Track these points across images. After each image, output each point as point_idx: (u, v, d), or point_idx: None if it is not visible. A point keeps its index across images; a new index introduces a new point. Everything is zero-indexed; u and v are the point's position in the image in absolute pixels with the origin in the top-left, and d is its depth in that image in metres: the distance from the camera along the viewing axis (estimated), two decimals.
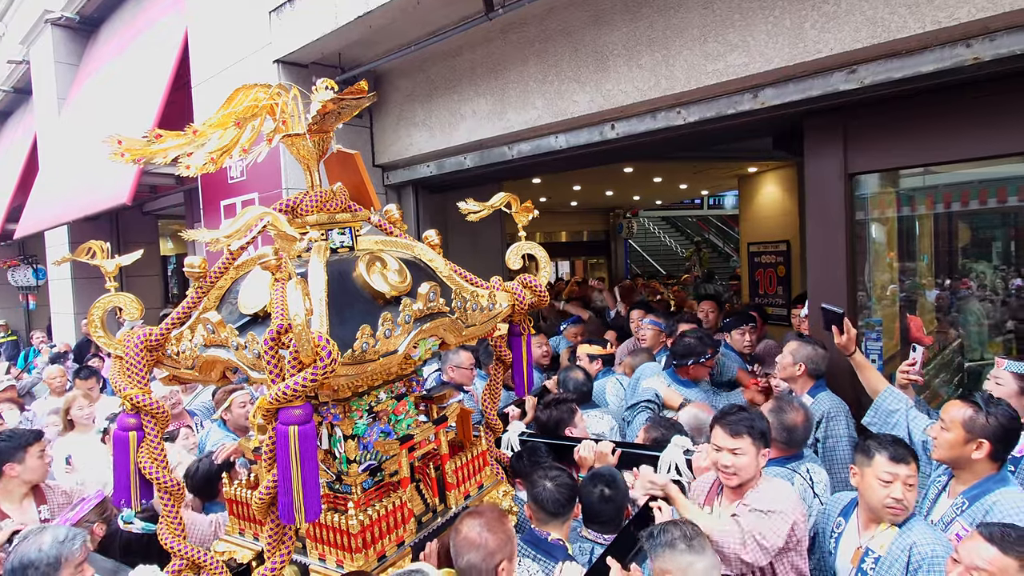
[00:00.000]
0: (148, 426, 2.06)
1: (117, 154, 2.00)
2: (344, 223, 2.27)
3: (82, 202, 7.31)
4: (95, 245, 2.19)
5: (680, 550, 1.91)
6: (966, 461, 2.34)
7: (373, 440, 2.25)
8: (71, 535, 2.20)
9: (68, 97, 9.09)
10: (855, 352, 3.16)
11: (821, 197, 3.70)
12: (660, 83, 3.80)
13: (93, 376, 5.67)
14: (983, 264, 6.93)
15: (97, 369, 6.13)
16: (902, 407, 2.89)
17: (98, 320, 2.16)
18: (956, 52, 2.90)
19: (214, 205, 5.92)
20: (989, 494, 2.27)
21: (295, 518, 1.71)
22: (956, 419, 2.34)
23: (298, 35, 4.78)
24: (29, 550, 2.13)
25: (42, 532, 2.22)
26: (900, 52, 3.04)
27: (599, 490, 2.52)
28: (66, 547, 2.16)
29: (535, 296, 2.52)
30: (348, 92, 2.04)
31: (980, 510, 2.27)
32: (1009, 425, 2.30)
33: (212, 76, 5.85)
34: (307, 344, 1.65)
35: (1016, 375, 2.81)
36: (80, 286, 9.44)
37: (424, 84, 5.23)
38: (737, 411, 2.48)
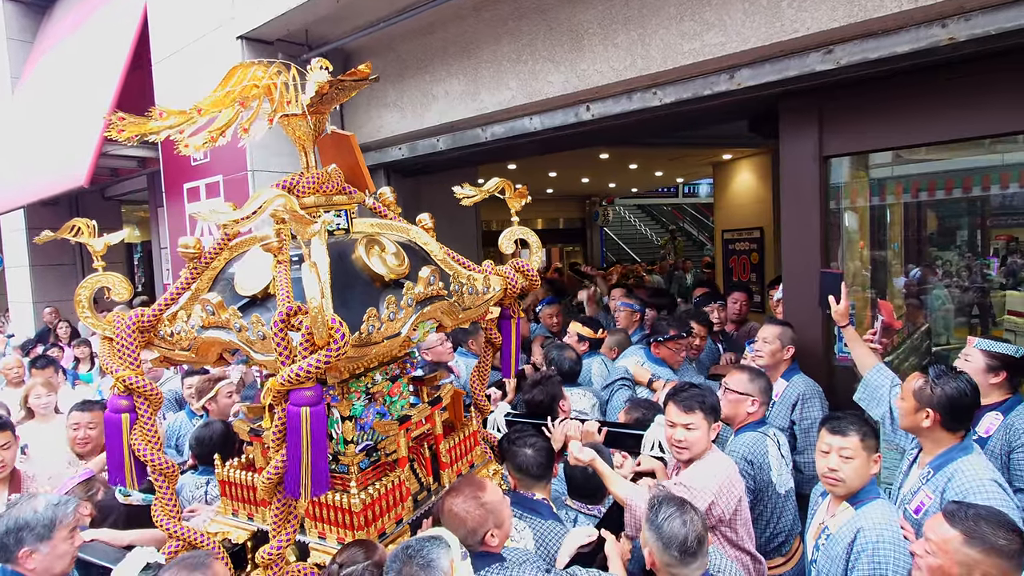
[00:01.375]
0: (141, 407, 2.07)
1: (115, 130, 1.98)
2: (340, 205, 2.29)
3: (38, 185, 7.01)
4: (80, 223, 2.15)
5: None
6: (920, 430, 2.41)
7: (370, 421, 2.29)
8: (64, 500, 2.25)
9: (21, 76, 8.69)
10: (849, 325, 3.14)
11: (796, 180, 3.69)
12: (636, 63, 3.73)
13: (50, 365, 5.45)
14: (950, 252, 7.06)
15: (55, 359, 5.90)
16: (887, 383, 2.90)
17: (85, 300, 2.13)
18: (931, 32, 2.87)
19: (177, 188, 5.71)
20: (951, 463, 2.32)
21: (300, 493, 1.77)
22: (908, 389, 2.43)
23: (262, 10, 4.60)
24: (24, 512, 2.16)
25: (34, 498, 2.25)
26: (876, 32, 3.00)
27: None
28: (60, 509, 2.21)
29: (527, 280, 2.58)
30: (349, 74, 2.04)
31: (943, 478, 2.31)
32: (956, 396, 2.33)
33: (173, 53, 5.62)
34: (322, 327, 1.69)
35: (984, 352, 2.85)
36: (38, 273, 9.10)
37: (395, 63, 5.08)
38: (689, 387, 2.59)
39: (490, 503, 2.01)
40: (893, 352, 5.30)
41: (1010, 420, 2.73)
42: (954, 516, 1.76)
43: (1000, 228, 7.59)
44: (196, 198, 5.53)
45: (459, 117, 4.73)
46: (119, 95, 5.98)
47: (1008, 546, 1.68)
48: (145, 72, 5.98)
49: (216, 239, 2.21)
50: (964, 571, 1.70)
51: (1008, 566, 1.68)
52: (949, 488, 2.24)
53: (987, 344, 2.87)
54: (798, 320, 3.61)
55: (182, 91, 5.60)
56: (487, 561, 1.97)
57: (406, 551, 1.74)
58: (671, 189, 20.29)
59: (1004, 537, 1.69)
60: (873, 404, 2.91)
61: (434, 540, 1.78)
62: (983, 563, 1.68)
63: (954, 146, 5.09)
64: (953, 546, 1.72)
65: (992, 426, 2.75)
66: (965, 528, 1.72)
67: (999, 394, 2.73)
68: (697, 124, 5.63)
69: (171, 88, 5.73)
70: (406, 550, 1.74)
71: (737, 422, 2.92)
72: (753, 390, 2.89)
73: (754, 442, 2.82)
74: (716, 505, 2.34)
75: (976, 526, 1.71)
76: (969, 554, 1.70)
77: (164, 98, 5.79)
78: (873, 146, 3.61)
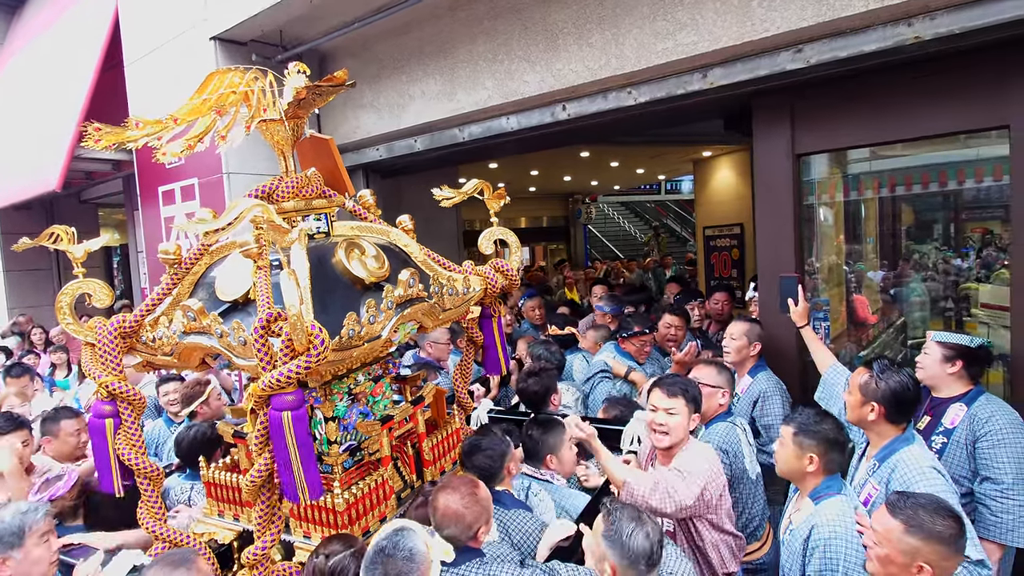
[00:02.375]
0: (124, 413, 2.11)
1: (92, 140, 2.01)
2: (320, 209, 2.32)
3: (9, 190, 6.89)
4: (59, 230, 2.15)
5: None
6: (865, 423, 2.47)
7: (353, 422, 2.31)
8: (33, 507, 2.25)
9: None
10: (807, 326, 3.20)
11: (769, 178, 3.72)
12: (610, 62, 3.74)
13: (26, 374, 5.35)
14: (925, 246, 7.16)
15: (31, 366, 5.79)
16: (842, 380, 2.97)
17: (66, 307, 2.14)
18: (898, 31, 2.91)
19: (152, 191, 5.63)
20: (894, 454, 2.39)
21: (299, 497, 1.80)
22: (855, 383, 2.49)
23: (235, 10, 4.54)
24: None
25: (2, 508, 2.26)
26: (844, 31, 3.04)
27: (527, 428, 2.85)
28: (29, 517, 2.21)
29: (506, 280, 2.62)
30: (325, 80, 2.06)
31: (887, 469, 2.38)
32: (899, 390, 2.39)
33: (145, 54, 5.53)
34: (301, 333, 1.71)
35: (940, 343, 2.91)
36: (12, 279, 8.94)
37: (371, 64, 5.05)
38: (674, 376, 2.70)
39: (484, 499, 2.05)
40: (868, 347, 5.38)
41: (973, 411, 2.79)
42: (895, 506, 1.82)
43: (975, 222, 7.73)
44: (171, 201, 5.46)
45: (436, 117, 4.72)
46: (91, 97, 5.90)
47: (945, 531, 1.73)
48: (118, 73, 5.88)
49: (194, 244, 2.22)
50: (908, 559, 1.76)
51: (947, 551, 1.74)
52: (893, 478, 2.31)
53: (943, 336, 2.95)
54: (773, 317, 3.65)
55: (155, 92, 5.52)
56: (468, 556, 2.00)
57: (382, 552, 1.73)
58: (654, 186, 20.39)
59: (941, 523, 1.74)
60: (831, 401, 2.98)
61: (402, 531, 1.78)
62: (923, 550, 1.74)
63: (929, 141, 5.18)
64: (896, 535, 1.77)
65: (957, 417, 2.81)
66: (905, 517, 1.77)
67: (961, 385, 2.78)
68: (673, 123, 5.65)
69: (144, 89, 5.64)
70: (382, 551, 1.73)
71: (709, 414, 2.97)
72: (722, 382, 2.98)
73: (727, 432, 2.89)
74: (707, 490, 2.38)
75: (915, 515, 1.77)
76: (910, 542, 1.75)
77: (137, 99, 5.71)
78: (845, 143, 3.65)
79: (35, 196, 6.49)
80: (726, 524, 2.52)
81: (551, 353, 4.02)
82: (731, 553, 2.52)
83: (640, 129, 6.64)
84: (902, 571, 1.77)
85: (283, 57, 4.99)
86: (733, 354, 3.51)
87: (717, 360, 3.25)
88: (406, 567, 1.70)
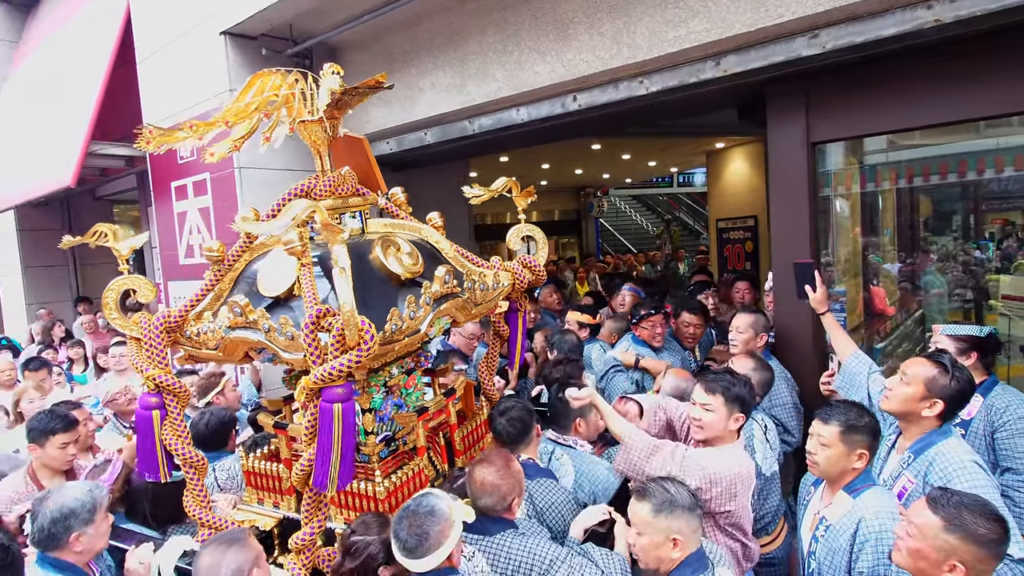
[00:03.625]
0: (170, 404, 2.20)
1: (144, 141, 2.09)
2: (356, 207, 2.41)
3: (25, 186, 6.96)
4: (107, 227, 2.25)
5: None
6: (915, 416, 2.36)
7: (388, 413, 2.39)
8: (94, 485, 2.35)
9: (7, 76, 8.61)
10: (828, 312, 3.14)
11: (784, 167, 3.66)
12: (622, 51, 3.69)
13: (44, 367, 5.42)
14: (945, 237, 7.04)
15: (49, 360, 5.86)
16: (864, 370, 2.90)
17: (112, 303, 2.23)
18: (917, 14, 2.84)
19: (165, 186, 5.66)
20: (932, 447, 2.31)
21: (327, 486, 1.88)
22: (919, 376, 2.35)
23: (245, 4, 4.54)
24: (67, 501, 2.24)
25: (66, 488, 2.32)
26: (861, 15, 2.97)
27: (560, 397, 2.86)
28: (98, 492, 2.32)
29: (533, 275, 2.69)
30: (365, 83, 2.14)
31: (924, 462, 2.30)
32: (967, 390, 2.34)
33: (157, 50, 5.56)
34: (353, 328, 1.80)
35: (951, 337, 2.87)
36: (30, 275, 9.06)
37: (381, 56, 5.03)
38: (721, 374, 2.58)
39: (517, 472, 2.19)
40: (886, 338, 5.30)
41: (990, 401, 2.75)
42: (937, 502, 1.76)
43: (995, 212, 7.59)
44: (184, 196, 5.49)
45: (446, 110, 4.69)
46: (104, 93, 5.94)
47: (988, 535, 1.67)
48: (130, 69, 5.92)
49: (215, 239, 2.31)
50: (942, 556, 1.70)
51: (985, 554, 1.68)
52: (931, 471, 2.24)
53: (952, 329, 2.92)
54: (788, 308, 3.60)
55: (167, 87, 5.55)
56: (502, 526, 2.13)
57: (406, 510, 1.89)
58: (666, 179, 20.24)
59: (984, 526, 1.68)
60: (852, 390, 2.91)
61: (427, 495, 1.93)
62: (960, 549, 1.68)
63: (947, 130, 5.06)
64: (933, 531, 1.72)
65: (973, 408, 2.76)
66: (947, 515, 1.71)
67: (976, 376, 2.72)
68: (685, 112, 5.58)
69: (156, 85, 5.67)
70: (406, 510, 1.90)
71: None
72: (755, 379, 2.89)
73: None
74: (706, 491, 2.34)
75: (958, 513, 1.71)
76: (948, 540, 1.70)
77: (149, 95, 5.75)
78: (861, 131, 3.59)
79: (50, 192, 6.55)
80: (736, 530, 2.46)
81: (570, 343, 4.05)
82: (735, 560, 2.45)
83: (652, 119, 6.56)
84: (933, 567, 1.72)
85: (293, 51, 4.99)
86: (740, 346, 3.50)
87: (758, 355, 3.21)
88: (427, 521, 1.84)
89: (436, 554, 1.82)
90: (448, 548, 1.84)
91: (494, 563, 2.08)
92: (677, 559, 1.95)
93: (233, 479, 3.14)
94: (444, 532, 1.84)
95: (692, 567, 1.94)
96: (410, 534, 1.84)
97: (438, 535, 1.83)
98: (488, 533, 2.11)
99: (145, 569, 2.24)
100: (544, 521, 2.42)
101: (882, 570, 2.02)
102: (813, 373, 3.55)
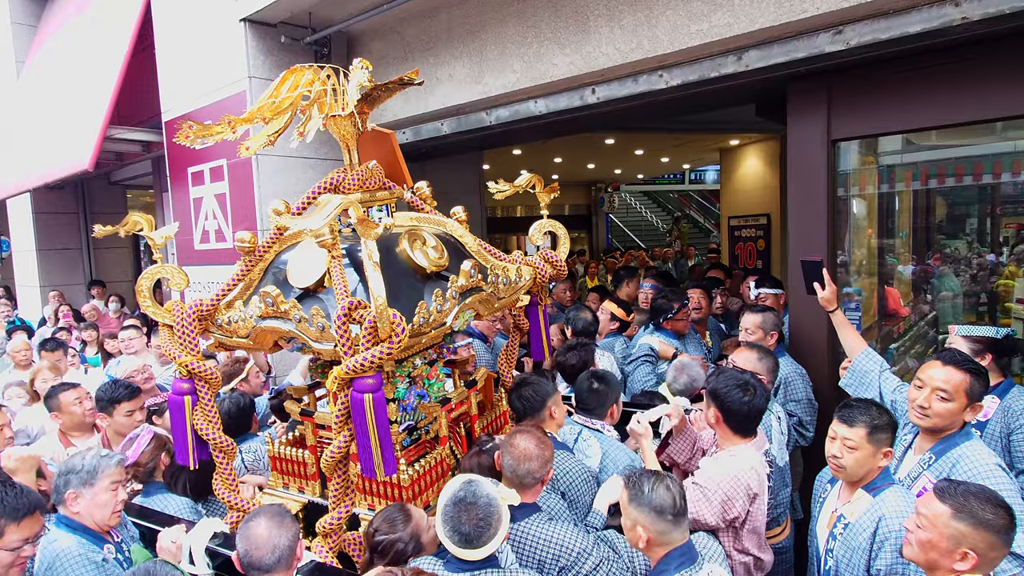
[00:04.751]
0: (202, 390, 2.25)
1: (182, 136, 2.16)
2: (383, 200, 2.46)
3: (43, 169, 7.01)
4: (141, 216, 2.32)
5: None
6: (958, 424, 2.33)
7: (412, 403, 2.43)
8: (110, 454, 2.44)
9: (26, 60, 8.67)
10: (837, 310, 3.13)
11: (803, 164, 3.64)
12: (642, 44, 3.67)
13: (60, 348, 5.49)
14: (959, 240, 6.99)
15: (64, 341, 5.93)
16: (876, 368, 2.89)
17: (146, 291, 2.27)
18: (944, 11, 2.81)
19: (181, 172, 5.70)
20: (955, 448, 2.30)
21: (376, 472, 1.93)
22: (960, 387, 2.28)
23: None
24: (74, 460, 2.38)
25: (81, 451, 2.47)
26: (887, 11, 2.94)
27: (590, 382, 2.90)
28: (104, 460, 2.38)
29: (554, 269, 2.72)
30: (396, 80, 2.19)
31: (946, 464, 2.29)
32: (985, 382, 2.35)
33: (177, 36, 5.58)
34: (386, 321, 1.84)
35: (966, 338, 2.87)
36: (44, 257, 9.13)
37: (399, 46, 5.04)
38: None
39: (549, 445, 2.25)
40: (899, 339, 5.28)
41: (1007, 403, 2.74)
42: (944, 492, 1.79)
43: (1010, 216, 7.52)
44: (200, 182, 5.52)
45: (464, 100, 4.69)
46: (123, 78, 5.97)
47: (995, 520, 1.70)
48: (149, 54, 5.95)
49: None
50: (952, 544, 1.73)
51: (995, 540, 1.71)
52: (955, 473, 2.22)
53: (967, 330, 2.90)
54: (803, 306, 3.59)
55: (186, 74, 5.58)
56: (527, 511, 2.14)
57: (463, 502, 1.84)
58: (677, 176, 20.15)
59: (991, 512, 1.71)
60: (861, 389, 2.89)
61: (474, 482, 1.89)
62: (970, 536, 1.71)
63: (964, 133, 5.04)
64: (943, 520, 1.74)
65: (990, 410, 2.75)
66: (955, 503, 1.74)
67: (992, 377, 2.71)
68: (704, 108, 5.56)
69: (175, 71, 5.70)
70: (462, 501, 1.84)
71: None
72: (761, 368, 2.91)
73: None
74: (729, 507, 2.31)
75: (965, 501, 1.74)
76: (958, 527, 1.72)
77: (168, 81, 5.77)
78: (882, 129, 3.56)
79: (68, 176, 6.59)
80: (749, 543, 2.41)
81: (584, 320, 4.11)
82: (746, 573, 2.42)
83: (669, 114, 6.54)
84: (944, 556, 1.74)
85: (312, 39, 4.99)
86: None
87: (759, 345, 3.19)
88: (487, 511, 1.82)
89: (494, 541, 1.83)
90: (504, 534, 1.86)
91: (519, 550, 2.08)
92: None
93: (260, 460, 3.21)
94: (501, 519, 1.85)
95: (676, 560, 1.91)
96: (472, 526, 1.80)
97: (498, 523, 1.84)
98: (513, 520, 2.09)
99: (176, 548, 2.28)
100: (558, 487, 2.48)
101: (901, 568, 2.02)
102: (827, 370, 3.55)
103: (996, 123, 4.73)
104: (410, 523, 2.01)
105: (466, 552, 1.82)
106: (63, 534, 2.32)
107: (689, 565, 1.91)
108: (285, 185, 5.06)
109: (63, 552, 2.26)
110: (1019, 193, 7.28)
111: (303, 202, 2.37)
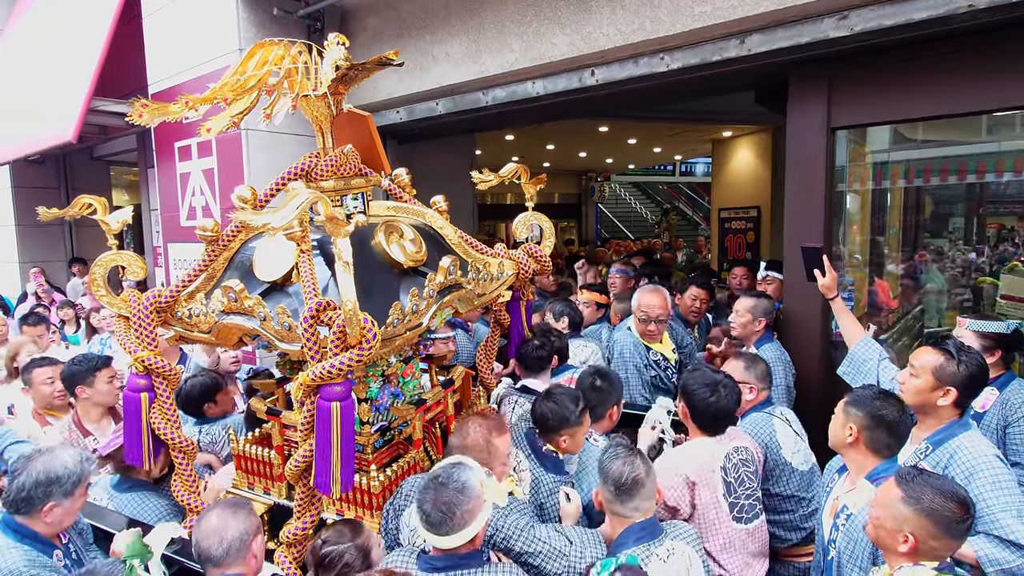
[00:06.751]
0: (159, 387, 2.12)
1: (136, 114, 1.99)
2: (358, 188, 2.30)
3: (24, 141, 6.82)
4: (93, 199, 2.18)
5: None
6: (932, 407, 2.33)
7: (385, 403, 2.31)
8: (85, 456, 2.24)
9: (4, 28, 8.40)
10: (837, 297, 3.12)
11: (802, 152, 3.62)
12: (644, 26, 3.62)
13: (42, 323, 5.37)
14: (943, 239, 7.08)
15: (45, 316, 5.80)
16: (874, 356, 2.88)
17: (100, 279, 2.15)
18: None
19: (168, 147, 5.56)
20: (952, 439, 2.28)
21: (331, 488, 1.78)
22: (927, 365, 2.32)
23: None
24: (55, 466, 2.10)
25: (57, 451, 2.18)
26: None
27: (592, 380, 2.71)
28: (88, 466, 2.19)
29: (538, 264, 2.63)
30: (372, 60, 2.04)
31: (944, 454, 2.27)
32: (978, 374, 2.30)
33: (164, 6, 5.42)
34: (356, 327, 1.70)
35: (977, 333, 2.84)
36: (23, 233, 8.91)
37: (394, 23, 4.93)
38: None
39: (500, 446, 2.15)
40: (887, 331, 5.32)
41: (1005, 395, 2.75)
42: (904, 478, 1.80)
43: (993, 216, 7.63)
44: (188, 157, 5.39)
45: (460, 80, 4.61)
46: (108, 48, 5.80)
47: (941, 511, 1.70)
48: (136, 24, 5.78)
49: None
50: (895, 525, 1.75)
51: (937, 531, 1.70)
52: (952, 464, 2.20)
53: (979, 325, 2.88)
54: (799, 294, 3.58)
55: (173, 44, 5.42)
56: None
57: (435, 480, 1.74)
58: (668, 167, 20.18)
59: (942, 504, 1.70)
60: (859, 377, 2.89)
61: (459, 466, 1.79)
62: (912, 521, 1.72)
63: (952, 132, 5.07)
64: (890, 500, 1.77)
65: (988, 401, 2.76)
66: (908, 489, 1.76)
67: (994, 370, 2.73)
68: (702, 93, 5.52)
69: (162, 41, 5.54)
70: (435, 479, 1.75)
71: (743, 408, 2.85)
72: (749, 377, 2.84)
73: (757, 423, 2.78)
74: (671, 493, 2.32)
75: (919, 491, 1.74)
76: (901, 510, 1.74)
77: (154, 51, 5.62)
78: (882, 118, 3.55)
79: (49, 147, 6.41)
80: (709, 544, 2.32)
81: (572, 310, 4.03)
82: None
83: (667, 99, 6.48)
84: (890, 537, 1.77)
85: (305, 12, 4.88)
86: (738, 329, 3.54)
87: (747, 354, 3.13)
88: (455, 498, 1.70)
89: (462, 533, 1.70)
90: (476, 528, 1.72)
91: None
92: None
93: (215, 443, 3.11)
94: (473, 511, 1.71)
95: (636, 535, 1.91)
96: (435, 508, 1.69)
97: (466, 514, 1.70)
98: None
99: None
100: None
101: None
102: (816, 359, 3.56)
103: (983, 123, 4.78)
104: (360, 536, 1.89)
105: (434, 538, 1.72)
106: (10, 543, 2.07)
107: (649, 540, 1.92)
108: (276, 160, 4.96)
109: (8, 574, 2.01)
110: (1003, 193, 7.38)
111: (271, 189, 2.23)
